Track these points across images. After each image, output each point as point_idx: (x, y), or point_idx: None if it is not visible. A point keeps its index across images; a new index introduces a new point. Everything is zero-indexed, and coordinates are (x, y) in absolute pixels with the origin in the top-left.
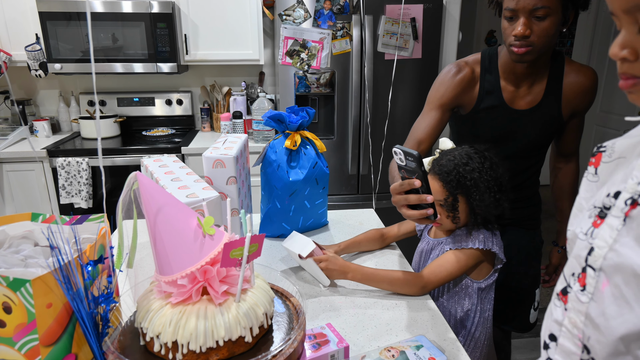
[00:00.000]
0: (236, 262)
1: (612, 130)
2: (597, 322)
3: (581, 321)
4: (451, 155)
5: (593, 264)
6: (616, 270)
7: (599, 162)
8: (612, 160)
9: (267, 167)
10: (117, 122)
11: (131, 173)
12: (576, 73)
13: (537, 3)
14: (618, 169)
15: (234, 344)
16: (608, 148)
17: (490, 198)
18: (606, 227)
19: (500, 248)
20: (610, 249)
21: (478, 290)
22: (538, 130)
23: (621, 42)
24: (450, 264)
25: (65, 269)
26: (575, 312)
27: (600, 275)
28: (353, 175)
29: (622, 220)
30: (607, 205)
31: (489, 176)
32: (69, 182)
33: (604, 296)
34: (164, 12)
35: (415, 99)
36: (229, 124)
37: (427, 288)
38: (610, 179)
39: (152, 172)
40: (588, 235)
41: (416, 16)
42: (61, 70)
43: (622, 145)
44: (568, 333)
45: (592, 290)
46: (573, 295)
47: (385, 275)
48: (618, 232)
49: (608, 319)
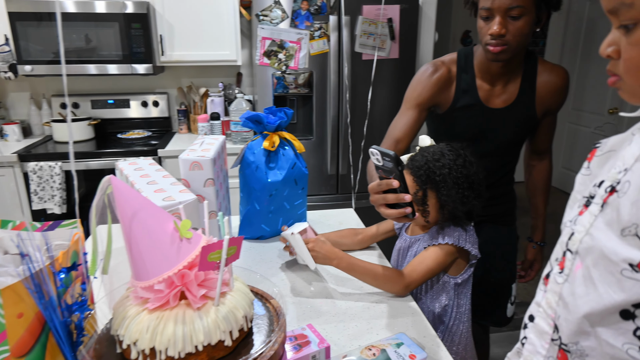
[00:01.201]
0: (214, 266)
1: (583, 127)
2: (567, 301)
3: (555, 301)
4: (426, 152)
5: (571, 248)
6: (588, 252)
7: (592, 156)
8: (603, 154)
9: (246, 169)
10: (91, 125)
11: (104, 177)
12: (549, 72)
13: (512, 3)
14: (607, 162)
15: (213, 348)
16: (602, 144)
17: (457, 194)
18: (587, 214)
19: (473, 244)
20: (586, 233)
21: (455, 285)
22: (513, 128)
23: (609, 40)
24: (429, 260)
25: (36, 277)
26: (552, 292)
27: (576, 257)
28: (332, 175)
29: (600, 206)
30: (592, 194)
31: (459, 173)
32: (41, 187)
33: (576, 277)
34: (139, 13)
35: (393, 99)
36: (206, 126)
37: (410, 287)
38: (599, 170)
39: (127, 175)
40: (572, 222)
41: (393, 16)
42: (32, 72)
43: (613, 140)
44: (543, 313)
45: (567, 272)
46: (552, 278)
47: (370, 268)
48: (595, 218)
49: (576, 298)
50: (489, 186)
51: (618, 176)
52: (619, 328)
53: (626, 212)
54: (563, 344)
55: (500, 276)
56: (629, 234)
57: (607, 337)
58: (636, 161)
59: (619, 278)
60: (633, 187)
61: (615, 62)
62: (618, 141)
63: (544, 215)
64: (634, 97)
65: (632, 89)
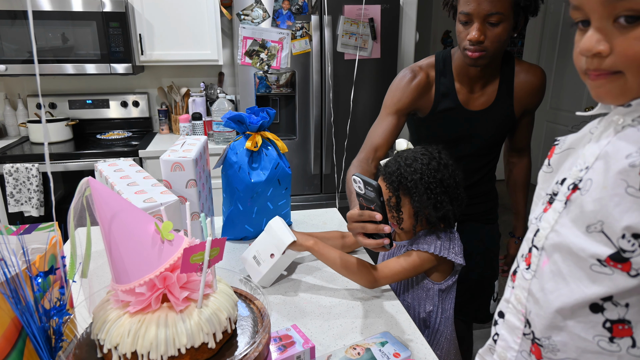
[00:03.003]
0: (197, 267)
1: (561, 126)
2: (537, 297)
3: (524, 297)
4: (400, 157)
5: (537, 244)
6: (555, 248)
7: (552, 153)
8: (562, 151)
9: (228, 169)
10: (69, 126)
11: (83, 179)
12: (526, 73)
13: (491, 9)
14: (567, 159)
15: (196, 351)
16: (561, 141)
17: (429, 200)
18: (552, 211)
19: (458, 254)
20: (551, 229)
21: (439, 291)
22: (493, 129)
23: (597, 37)
24: (403, 261)
25: (12, 282)
26: (520, 288)
27: (542, 253)
28: (316, 175)
29: (563, 203)
30: (555, 192)
31: (431, 177)
32: (17, 190)
33: (543, 272)
34: (117, 11)
35: (375, 98)
36: (188, 126)
37: (379, 282)
38: (560, 167)
39: (106, 177)
40: (538, 220)
41: (374, 16)
42: (6, 71)
43: (571, 138)
44: (513, 309)
45: (534, 268)
46: (520, 274)
47: (343, 257)
48: (559, 214)
49: (546, 293)
50: (471, 185)
51: (580, 174)
52: (589, 321)
53: (590, 209)
54: (536, 338)
55: (483, 273)
56: (595, 231)
57: (579, 330)
58: (597, 159)
59: (588, 273)
60: (595, 184)
61: (600, 59)
62: (577, 139)
63: (525, 211)
64: (623, 95)
65: (633, 86)
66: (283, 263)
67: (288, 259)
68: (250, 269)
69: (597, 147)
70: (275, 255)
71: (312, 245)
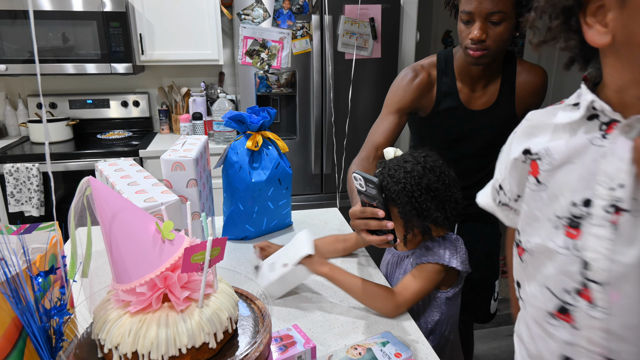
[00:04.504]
0: (198, 267)
1: None
2: (624, 335)
3: (600, 337)
4: (386, 166)
5: (596, 278)
6: (621, 280)
7: (536, 170)
8: (556, 168)
9: (229, 169)
10: (69, 125)
11: (83, 178)
12: (527, 72)
13: (493, 8)
14: (569, 176)
15: (197, 350)
16: (542, 155)
17: (412, 210)
18: (592, 238)
19: (463, 262)
20: (608, 259)
21: (446, 300)
22: (494, 129)
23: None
24: (420, 279)
25: (12, 281)
26: (590, 329)
27: (607, 289)
28: (316, 174)
29: (609, 229)
30: (577, 214)
31: (415, 185)
32: (18, 190)
33: (621, 307)
34: (117, 11)
35: (375, 98)
36: (188, 126)
37: (401, 307)
38: (563, 186)
39: (107, 176)
40: (571, 249)
41: (375, 16)
42: (6, 71)
43: (559, 151)
44: (587, 352)
45: (604, 305)
46: (582, 313)
47: (364, 282)
48: (611, 242)
49: (632, 328)
50: (472, 185)
51: (615, 194)
52: None
53: None
54: None
55: (484, 273)
56: None
57: None
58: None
59: None
60: None
61: None
62: (569, 151)
63: None
64: None
65: None
66: (294, 277)
67: (301, 276)
68: (261, 276)
69: (619, 160)
70: (288, 265)
71: (327, 272)
